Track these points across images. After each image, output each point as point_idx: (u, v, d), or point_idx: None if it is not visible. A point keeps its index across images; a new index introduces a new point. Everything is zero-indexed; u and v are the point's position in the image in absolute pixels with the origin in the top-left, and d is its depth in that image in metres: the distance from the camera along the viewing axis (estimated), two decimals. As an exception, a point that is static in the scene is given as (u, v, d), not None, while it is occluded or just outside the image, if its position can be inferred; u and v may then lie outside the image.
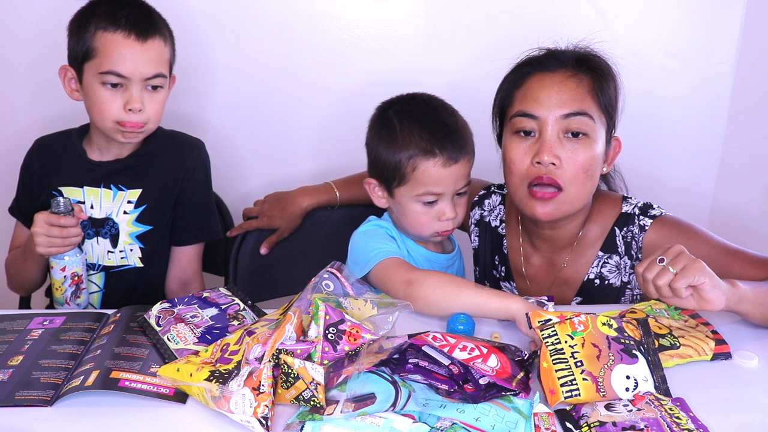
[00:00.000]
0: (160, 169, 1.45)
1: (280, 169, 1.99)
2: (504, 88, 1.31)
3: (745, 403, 0.95)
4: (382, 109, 1.33)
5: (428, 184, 1.25)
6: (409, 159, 1.25)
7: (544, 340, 0.97)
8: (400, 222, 1.34)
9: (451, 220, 1.29)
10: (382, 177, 1.30)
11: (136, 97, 1.33)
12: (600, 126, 1.25)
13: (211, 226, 1.54)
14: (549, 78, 1.24)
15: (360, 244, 1.31)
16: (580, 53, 1.28)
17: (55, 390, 0.93)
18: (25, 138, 1.52)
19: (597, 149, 1.24)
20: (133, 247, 1.46)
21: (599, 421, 0.86)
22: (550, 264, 1.39)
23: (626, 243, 1.32)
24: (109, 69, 1.31)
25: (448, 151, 1.24)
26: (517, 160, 1.25)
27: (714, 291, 1.01)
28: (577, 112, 1.22)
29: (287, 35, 1.88)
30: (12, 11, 1.79)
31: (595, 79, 1.25)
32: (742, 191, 2.10)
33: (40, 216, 1.29)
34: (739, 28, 2.02)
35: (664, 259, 1.03)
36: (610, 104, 1.27)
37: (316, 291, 1.01)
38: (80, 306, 1.36)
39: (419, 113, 1.28)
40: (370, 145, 1.33)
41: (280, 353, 0.89)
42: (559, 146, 1.22)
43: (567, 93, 1.22)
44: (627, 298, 1.35)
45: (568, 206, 1.26)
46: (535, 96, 1.24)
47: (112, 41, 1.30)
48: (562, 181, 1.23)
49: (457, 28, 1.93)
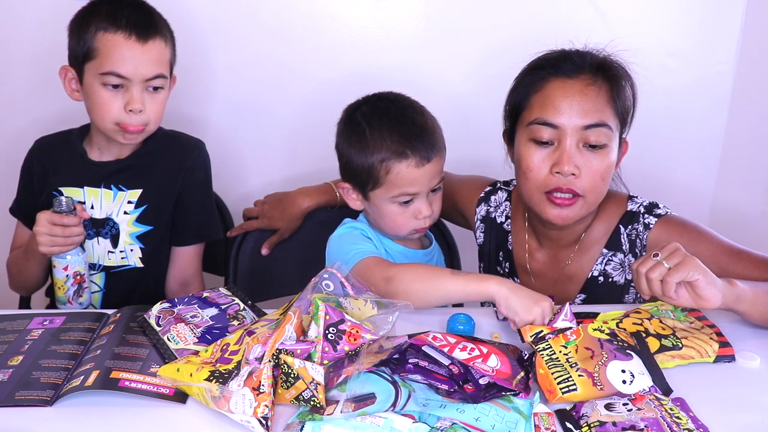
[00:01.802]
0: (160, 169, 1.45)
1: (280, 169, 1.99)
2: (520, 90, 1.30)
3: (747, 404, 0.95)
4: (350, 111, 1.32)
5: (403, 186, 1.25)
6: (382, 162, 1.24)
7: (539, 352, 0.98)
8: (376, 223, 1.34)
9: (427, 217, 1.29)
10: (356, 181, 1.30)
11: (137, 98, 1.32)
12: (616, 133, 1.25)
13: (211, 226, 1.54)
14: (569, 86, 1.23)
15: (337, 248, 1.32)
16: (598, 59, 1.27)
17: (55, 390, 0.93)
18: (25, 137, 1.52)
19: (613, 156, 1.25)
20: (133, 247, 1.46)
21: (599, 421, 0.86)
22: (555, 260, 1.39)
23: (630, 241, 1.33)
24: (109, 70, 1.30)
25: (420, 151, 1.24)
26: (535, 167, 1.25)
27: (709, 288, 1.02)
28: (597, 124, 1.22)
29: (288, 35, 1.88)
30: (11, 10, 1.79)
31: (613, 87, 1.25)
32: (742, 191, 2.10)
33: (43, 215, 1.29)
34: (739, 28, 2.02)
35: (659, 254, 1.03)
36: (626, 110, 1.27)
37: (316, 291, 1.01)
38: (82, 305, 1.36)
39: (388, 114, 1.27)
40: (340, 150, 1.32)
41: (280, 353, 0.89)
42: (579, 156, 1.22)
43: (587, 102, 1.22)
44: (631, 296, 1.35)
45: (585, 211, 1.27)
46: (556, 105, 1.23)
47: (113, 42, 1.30)
48: (581, 189, 1.23)
49: (457, 29, 1.92)
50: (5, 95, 1.86)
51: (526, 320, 1.07)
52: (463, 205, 1.51)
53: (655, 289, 1.03)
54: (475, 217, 1.50)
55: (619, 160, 1.32)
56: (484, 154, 1.36)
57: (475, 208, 1.49)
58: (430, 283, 1.16)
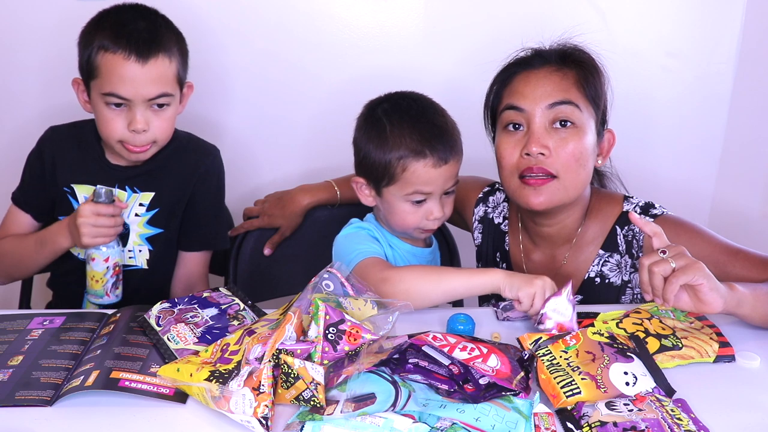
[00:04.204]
0: (173, 174, 1.44)
1: (280, 169, 1.99)
2: (493, 90, 1.34)
3: (747, 404, 0.95)
4: (371, 107, 1.32)
5: (418, 184, 1.26)
6: (400, 159, 1.25)
7: (540, 357, 0.99)
8: (385, 219, 1.34)
9: (438, 219, 1.30)
10: (371, 176, 1.30)
11: (139, 118, 1.30)
12: (588, 116, 1.26)
13: (218, 235, 1.53)
14: (534, 74, 1.27)
15: (341, 248, 1.32)
16: (563, 49, 1.30)
17: (55, 390, 0.93)
18: (33, 134, 1.49)
19: (587, 139, 1.26)
20: (142, 248, 1.45)
21: (600, 421, 0.86)
22: (551, 261, 1.39)
23: (627, 242, 1.32)
24: (109, 91, 1.29)
25: (439, 152, 1.24)
26: (507, 153, 1.27)
27: (712, 293, 1.01)
28: (562, 101, 1.23)
29: (288, 35, 1.88)
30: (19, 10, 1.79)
31: (580, 72, 1.27)
32: (742, 191, 2.10)
33: (87, 207, 1.28)
34: (739, 28, 2.02)
35: (665, 251, 1.03)
36: (597, 95, 1.28)
37: (316, 291, 1.01)
38: (118, 297, 1.35)
39: (409, 113, 1.27)
40: (358, 145, 1.32)
41: (280, 353, 0.89)
42: (547, 136, 1.24)
43: (551, 85, 1.25)
44: (627, 297, 1.35)
45: (562, 194, 1.26)
46: (521, 90, 1.26)
47: (113, 63, 1.27)
48: (554, 169, 1.24)
49: (456, 28, 1.93)
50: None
51: (529, 292, 1.11)
52: (461, 206, 1.51)
53: (655, 283, 1.02)
54: (473, 218, 1.50)
55: (607, 152, 1.34)
56: (484, 154, 1.36)
57: (473, 208, 1.50)
58: (435, 280, 1.17)
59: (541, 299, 1.11)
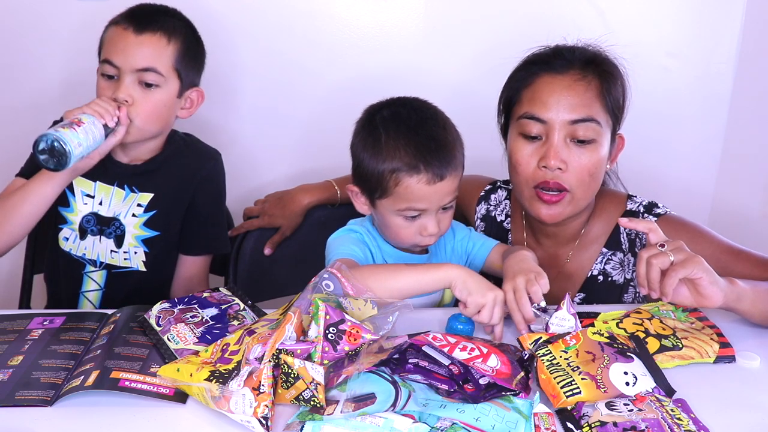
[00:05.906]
0: (173, 176, 1.44)
1: (280, 169, 1.99)
2: (512, 85, 1.31)
3: (747, 404, 0.95)
4: (370, 113, 1.25)
5: (411, 201, 1.18)
6: (392, 173, 1.17)
7: (540, 357, 0.98)
8: (380, 230, 1.31)
9: (433, 235, 1.22)
10: (364, 186, 1.24)
11: (122, 87, 1.31)
12: (606, 129, 1.26)
13: (218, 239, 1.53)
14: (558, 81, 1.24)
15: (328, 249, 1.29)
16: (588, 54, 1.27)
17: (55, 390, 0.93)
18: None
19: (603, 152, 1.25)
20: (137, 250, 1.44)
21: (600, 421, 0.86)
22: (554, 259, 1.39)
23: (630, 240, 1.33)
24: (104, 57, 1.33)
25: (434, 167, 1.16)
26: (523, 162, 1.26)
27: (711, 287, 1.02)
28: (584, 119, 1.22)
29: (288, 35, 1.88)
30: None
31: (603, 82, 1.25)
32: (742, 191, 2.10)
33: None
34: (739, 28, 2.02)
35: (664, 245, 1.03)
36: (617, 105, 1.27)
37: (316, 291, 1.01)
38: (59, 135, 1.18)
39: (407, 123, 1.20)
40: (354, 151, 1.26)
41: (280, 353, 0.89)
42: (566, 151, 1.23)
43: (575, 98, 1.23)
44: (630, 295, 1.35)
45: (573, 207, 1.27)
46: (544, 99, 1.24)
47: (113, 33, 1.34)
48: (568, 184, 1.24)
49: (457, 28, 1.93)
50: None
51: (478, 302, 1.07)
52: (463, 204, 1.51)
53: (652, 275, 1.02)
54: (476, 216, 1.50)
55: (616, 156, 1.33)
56: (484, 153, 1.36)
57: (475, 206, 1.50)
58: (389, 275, 1.12)
59: (489, 312, 1.07)
